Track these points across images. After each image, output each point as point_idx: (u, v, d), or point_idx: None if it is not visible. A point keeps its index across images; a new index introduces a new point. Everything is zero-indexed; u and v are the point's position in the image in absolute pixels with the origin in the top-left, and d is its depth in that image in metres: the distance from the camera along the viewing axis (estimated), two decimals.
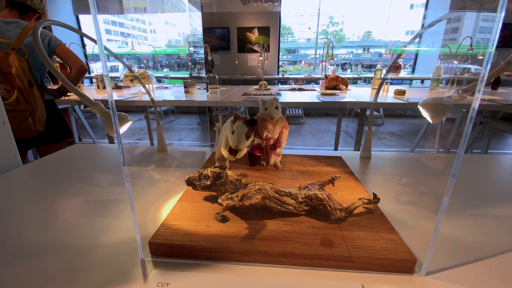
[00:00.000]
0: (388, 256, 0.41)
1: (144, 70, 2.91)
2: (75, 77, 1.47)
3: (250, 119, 0.59)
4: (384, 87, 2.65)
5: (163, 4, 6.23)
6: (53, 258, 0.44)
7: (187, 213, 0.52)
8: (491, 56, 0.30)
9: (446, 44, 3.41)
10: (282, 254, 0.42)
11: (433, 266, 0.43)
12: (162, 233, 0.46)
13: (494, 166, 0.86)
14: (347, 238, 0.45)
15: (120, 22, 7.09)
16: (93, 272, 0.42)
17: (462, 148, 0.33)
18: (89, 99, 0.54)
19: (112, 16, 6.58)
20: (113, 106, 0.35)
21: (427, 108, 0.50)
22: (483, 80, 0.31)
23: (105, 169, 0.82)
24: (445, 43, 4.93)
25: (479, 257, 0.45)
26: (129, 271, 0.42)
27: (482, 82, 0.31)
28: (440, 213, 0.37)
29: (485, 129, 2.46)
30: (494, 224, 0.54)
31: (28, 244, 0.48)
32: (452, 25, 5.10)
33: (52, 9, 5.07)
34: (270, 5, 3.98)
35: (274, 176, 0.70)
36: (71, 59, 1.43)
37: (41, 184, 0.72)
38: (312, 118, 5.30)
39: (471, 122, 0.31)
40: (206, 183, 0.54)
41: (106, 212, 0.58)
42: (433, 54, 5.35)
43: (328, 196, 0.52)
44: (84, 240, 0.49)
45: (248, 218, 0.51)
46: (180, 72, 6.28)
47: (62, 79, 0.51)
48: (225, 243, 0.44)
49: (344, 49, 7.67)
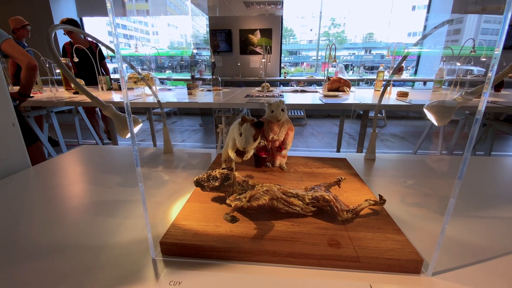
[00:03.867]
0: (395, 256, 0.42)
1: (148, 72, 2.93)
2: (26, 76, 1.35)
3: (257, 121, 0.60)
4: (387, 89, 2.66)
5: (166, 6, 6.28)
6: (67, 257, 0.46)
7: (196, 214, 0.53)
8: (497, 59, 0.31)
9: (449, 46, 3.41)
10: (291, 254, 0.43)
11: (439, 267, 0.43)
12: (172, 233, 0.47)
13: (497, 168, 0.87)
14: (354, 238, 0.46)
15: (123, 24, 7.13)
16: (106, 271, 0.43)
17: (469, 151, 0.34)
18: (101, 101, 0.55)
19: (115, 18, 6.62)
20: (128, 109, 0.36)
21: (432, 111, 0.51)
22: (489, 83, 0.31)
23: (112, 171, 0.83)
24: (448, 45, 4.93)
25: (484, 258, 0.45)
26: (141, 270, 0.43)
27: (488, 84, 0.32)
28: (447, 214, 0.38)
29: (488, 131, 2.46)
30: (498, 225, 0.55)
31: (41, 243, 0.49)
32: (454, 27, 5.09)
33: (56, 11, 5.12)
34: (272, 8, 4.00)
35: (280, 177, 0.71)
36: (19, 55, 1.33)
37: (50, 185, 0.73)
38: (314, 120, 5.30)
39: (477, 124, 0.32)
40: (214, 184, 0.55)
41: (116, 212, 0.59)
42: (435, 56, 5.35)
43: (335, 197, 0.53)
44: (96, 240, 0.50)
45: (255, 218, 0.52)
46: (182, 74, 6.31)
47: (74, 81, 0.52)
48: (234, 243, 0.44)
49: (345, 50, 7.68)
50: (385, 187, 0.71)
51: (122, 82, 0.35)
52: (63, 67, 0.49)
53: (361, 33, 7.48)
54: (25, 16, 2.93)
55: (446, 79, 2.75)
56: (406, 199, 0.64)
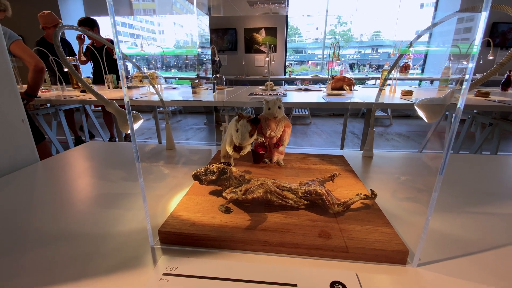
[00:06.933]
0: (381, 247, 0.44)
1: (153, 71, 2.97)
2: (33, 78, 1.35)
3: (253, 118, 0.62)
4: (391, 88, 2.65)
5: (172, 6, 6.33)
6: (71, 245, 0.49)
7: (193, 206, 0.56)
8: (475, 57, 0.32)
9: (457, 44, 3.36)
10: (281, 243, 0.45)
11: (426, 258, 0.45)
12: (170, 223, 0.49)
13: (498, 167, 0.87)
14: (344, 230, 0.48)
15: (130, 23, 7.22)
16: (107, 258, 0.45)
17: (449, 148, 0.36)
18: (104, 98, 0.58)
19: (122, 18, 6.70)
20: (128, 106, 0.39)
21: (422, 108, 0.52)
22: (468, 81, 0.33)
23: (117, 166, 0.86)
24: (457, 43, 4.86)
25: (471, 252, 0.47)
26: (140, 257, 0.45)
27: (467, 82, 0.33)
28: (430, 207, 0.39)
29: (495, 131, 2.43)
30: (488, 221, 0.56)
31: (46, 233, 0.52)
32: (465, 25, 5.01)
33: (64, 10, 5.21)
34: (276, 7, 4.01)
35: (277, 173, 0.73)
36: (26, 57, 1.34)
37: (58, 179, 0.77)
38: (319, 119, 5.29)
39: (456, 121, 0.33)
40: (211, 177, 0.57)
41: (119, 204, 0.62)
42: (443, 54, 5.28)
43: (327, 191, 0.55)
44: (99, 229, 0.53)
45: (251, 211, 0.54)
46: (188, 72, 6.37)
47: (81, 81, 0.55)
48: (228, 233, 0.47)
49: (352, 49, 7.62)
50: (379, 183, 0.72)
51: (122, 80, 0.37)
52: (69, 65, 0.52)
53: (368, 31, 7.41)
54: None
55: (452, 77, 2.72)
56: (398, 194, 0.65)
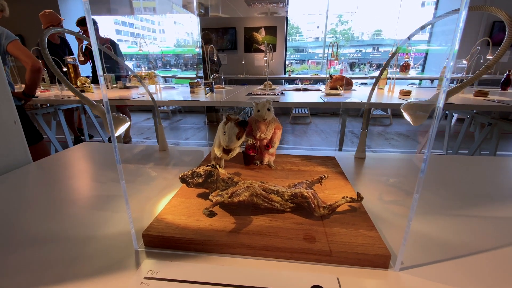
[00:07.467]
0: (364, 251, 0.43)
1: (151, 70, 2.98)
2: (30, 78, 1.35)
3: (241, 120, 0.62)
4: (390, 87, 2.64)
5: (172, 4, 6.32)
6: (56, 247, 0.49)
7: (180, 208, 0.56)
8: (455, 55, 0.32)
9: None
10: (264, 247, 0.45)
11: (410, 262, 0.45)
12: (155, 226, 0.50)
13: (495, 168, 0.86)
14: (328, 234, 0.48)
15: (130, 22, 7.23)
16: (91, 261, 0.46)
17: (429, 149, 0.35)
18: (90, 100, 0.58)
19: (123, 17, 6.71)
20: (107, 106, 0.39)
21: (407, 111, 0.52)
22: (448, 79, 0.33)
23: (108, 167, 0.87)
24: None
25: (455, 256, 0.46)
26: (123, 260, 0.45)
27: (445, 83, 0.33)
28: (411, 209, 0.39)
29: (493, 131, 2.42)
30: (478, 224, 0.56)
31: (33, 234, 0.52)
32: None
33: (64, 10, 5.21)
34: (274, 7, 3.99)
35: (267, 175, 0.73)
36: (23, 57, 1.34)
37: (50, 180, 0.77)
38: (319, 118, 5.28)
39: (437, 121, 0.33)
40: (198, 180, 0.57)
41: (108, 206, 0.62)
42: (444, 54, 5.25)
43: (313, 194, 0.55)
44: (85, 232, 0.53)
45: (237, 214, 0.54)
46: (187, 72, 6.36)
47: (67, 84, 0.55)
48: (212, 236, 0.47)
49: (352, 48, 7.58)
50: (368, 185, 0.72)
51: (101, 81, 0.37)
52: (53, 66, 0.52)
53: (369, 30, 7.38)
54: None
55: (452, 77, 2.70)
56: (385, 197, 0.65)
